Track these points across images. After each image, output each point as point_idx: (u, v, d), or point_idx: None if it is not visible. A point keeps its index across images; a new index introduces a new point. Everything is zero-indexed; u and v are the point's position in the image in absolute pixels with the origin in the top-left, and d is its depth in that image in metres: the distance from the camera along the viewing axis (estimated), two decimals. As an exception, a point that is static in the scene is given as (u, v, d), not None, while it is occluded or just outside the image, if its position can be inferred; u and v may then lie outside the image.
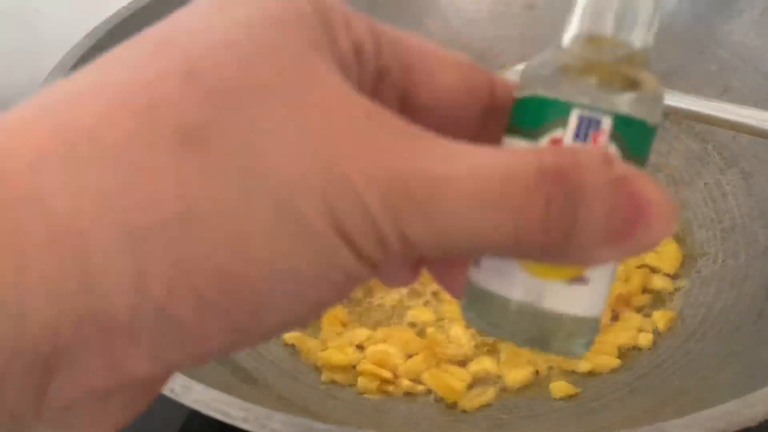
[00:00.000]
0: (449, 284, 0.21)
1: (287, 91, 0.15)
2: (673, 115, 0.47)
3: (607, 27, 0.18)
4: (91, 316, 0.14)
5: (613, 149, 0.17)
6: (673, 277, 0.46)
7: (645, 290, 0.45)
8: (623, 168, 0.16)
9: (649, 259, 0.46)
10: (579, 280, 0.18)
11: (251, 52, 0.16)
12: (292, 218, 0.15)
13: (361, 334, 0.43)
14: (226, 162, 0.15)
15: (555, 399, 0.40)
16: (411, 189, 0.15)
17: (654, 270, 0.46)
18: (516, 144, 0.18)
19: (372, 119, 0.16)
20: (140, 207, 0.14)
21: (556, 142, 0.18)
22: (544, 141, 0.18)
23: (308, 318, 0.16)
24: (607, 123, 0.17)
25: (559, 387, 0.40)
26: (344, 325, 0.44)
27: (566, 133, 0.18)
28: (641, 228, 0.16)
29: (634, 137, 0.18)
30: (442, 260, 0.21)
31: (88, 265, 0.14)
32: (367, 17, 0.19)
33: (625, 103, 0.18)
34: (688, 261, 0.47)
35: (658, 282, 0.45)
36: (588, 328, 0.18)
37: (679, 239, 0.48)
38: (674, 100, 0.41)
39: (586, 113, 0.17)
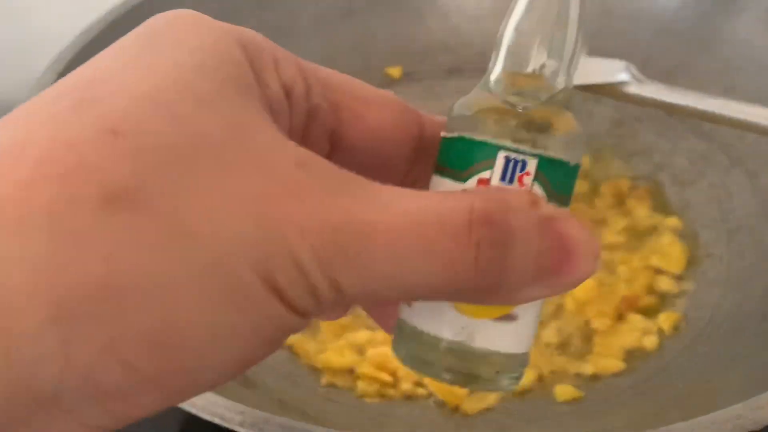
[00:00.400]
0: (382, 321, 0.21)
1: (217, 146, 0.15)
2: (678, 112, 0.47)
3: (528, 67, 0.19)
4: (17, 388, 0.14)
5: (537, 189, 0.18)
6: (679, 278, 0.45)
7: (650, 292, 0.45)
8: (549, 209, 0.17)
9: (654, 260, 0.46)
10: (508, 317, 0.19)
11: (178, 105, 0.15)
12: (223, 280, 0.15)
13: (361, 336, 0.43)
14: (154, 225, 0.14)
15: (558, 402, 0.40)
16: (343, 240, 0.15)
17: (659, 271, 0.46)
18: (444, 184, 0.19)
19: (303, 168, 0.16)
20: (65, 274, 0.14)
21: (483, 182, 0.18)
22: (472, 182, 0.18)
23: (243, 370, 0.16)
24: (532, 164, 0.18)
25: (563, 390, 0.40)
26: (344, 327, 0.43)
27: (493, 175, 0.18)
28: (568, 267, 0.17)
29: (557, 177, 0.18)
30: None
31: (12, 336, 0.14)
32: (295, 57, 0.19)
33: (548, 145, 0.18)
34: (693, 262, 0.46)
35: (663, 283, 0.45)
36: (517, 363, 0.19)
37: (685, 240, 0.47)
38: (678, 98, 0.41)
39: (512, 155, 0.18)
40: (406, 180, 0.20)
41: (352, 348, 0.42)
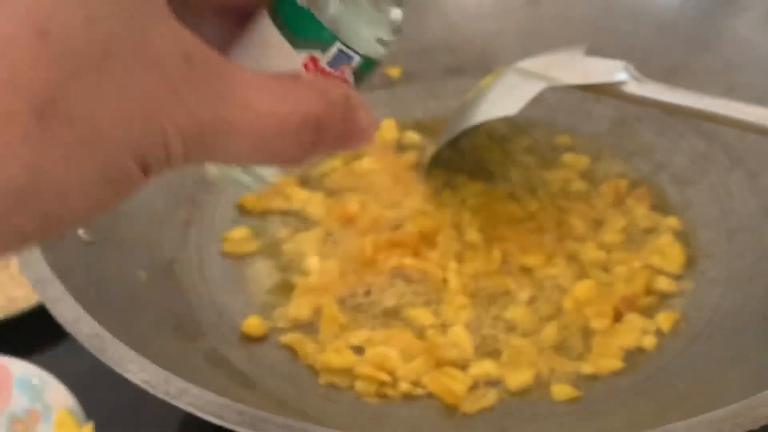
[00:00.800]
0: None
1: (122, 48, 0.18)
2: (678, 112, 0.47)
3: None
4: None
5: (350, 75, 0.22)
6: (678, 278, 0.45)
7: (649, 292, 0.45)
8: (355, 100, 0.22)
9: (654, 260, 0.46)
10: None
11: (93, 4, 0.17)
12: (113, 174, 0.18)
13: (360, 335, 0.43)
14: (71, 134, 0.17)
15: (557, 402, 0.40)
16: (208, 136, 0.19)
17: (658, 271, 0.46)
18: (278, 43, 0.22)
19: (188, 63, 0.19)
20: None
21: (313, 61, 0.22)
22: (303, 55, 0.22)
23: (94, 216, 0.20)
24: (356, 60, 0.22)
25: (562, 390, 0.40)
26: (343, 326, 0.43)
27: (323, 58, 0.22)
28: (356, 143, 0.22)
29: (366, 70, 0.23)
30: None
31: None
32: None
33: (376, 48, 0.22)
34: (693, 262, 0.46)
35: (663, 283, 0.45)
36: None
37: (684, 240, 0.47)
38: (678, 97, 0.41)
39: (344, 49, 0.22)
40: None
41: (350, 348, 0.42)
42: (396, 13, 0.23)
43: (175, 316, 0.42)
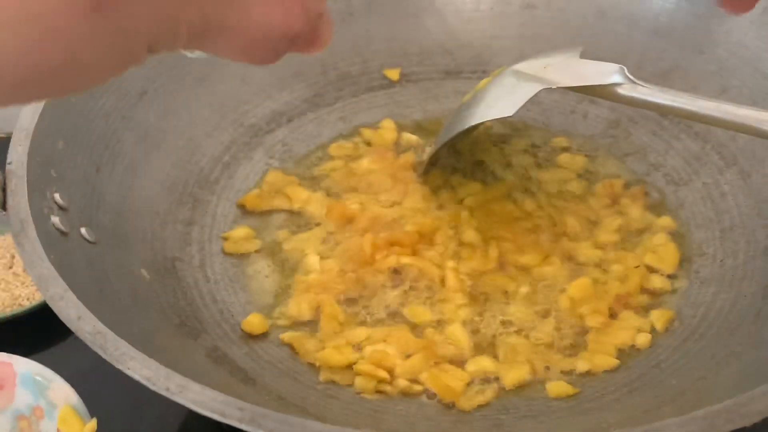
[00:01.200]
0: None
1: None
2: (672, 114, 0.47)
3: None
4: None
5: None
6: (672, 277, 0.46)
7: (643, 290, 0.45)
8: (327, 17, 0.26)
9: (648, 259, 0.46)
10: None
11: None
12: (127, 58, 0.22)
13: (359, 333, 0.43)
14: (110, 26, 0.20)
15: (553, 399, 0.40)
16: (209, 34, 0.23)
17: (652, 270, 0.46)
18: None
19: None
20: (31, 53, 0.20)
21: None
22: None
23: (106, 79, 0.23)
24: None
25: (558, 387, 0.40)
26: (342, 324, 0.43)
27: None
28: (318, 47, 0.26)
29: None
30: None
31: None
32: None
33: None
34: (686, 261, 0.46)
35: (657, 282, 0.45)
36: None
37: (678, 239, 0.48)
38: (673, 99, 0.41)
39: None
40: None
41: (350, 345, 0.42)
42: None
43: (176, 314, 0.42)
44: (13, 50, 0.19)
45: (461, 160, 0.53)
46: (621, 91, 0.42)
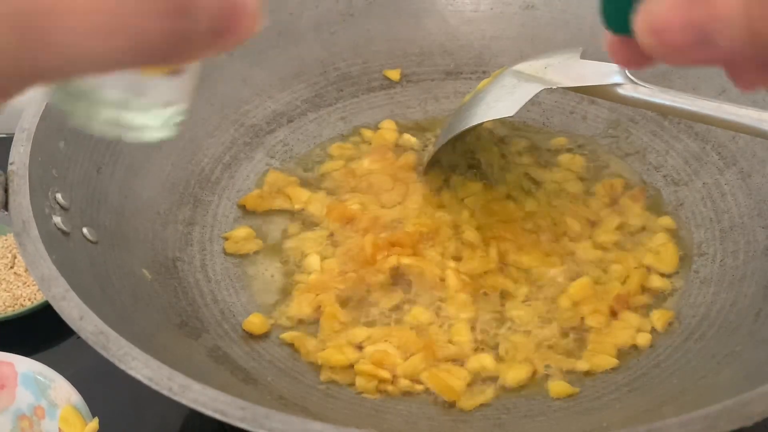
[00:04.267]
0: None
1: None
2: (672, 114, 0.47)
3: None
4: None
5: None
6: (672, 277, 0.46)
7: (643, 290, 0.45)
8: None
9: (648, 259, 0.46)
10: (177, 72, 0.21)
11: None
12: None
13: (360, 333, 0.43)
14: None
15: (553, 398, 0.40)
16: (31, 29, 0.16)
17: (652, 270, 0.46)
18: None
19: None
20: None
21: None
22: None
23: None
24: None
25: (558, 387, 0.41)
26: (343, 324, 0.44)
27: None
28: (236, 32, 0.19)
29: None
30: None
31: None
32: None
33: None
34: (686, 261, 0.47)
35: (657, 282, 0.45)
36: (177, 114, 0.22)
37: (678, 239, 0.48)
38: (673, 99, 0.42)
39: None
40: None
41: (351, 345, 0.42)
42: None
43: (177, 314, 0.42)
44: None
45: (461, 161, 0.53)
46: (621, 91, 0.43)
